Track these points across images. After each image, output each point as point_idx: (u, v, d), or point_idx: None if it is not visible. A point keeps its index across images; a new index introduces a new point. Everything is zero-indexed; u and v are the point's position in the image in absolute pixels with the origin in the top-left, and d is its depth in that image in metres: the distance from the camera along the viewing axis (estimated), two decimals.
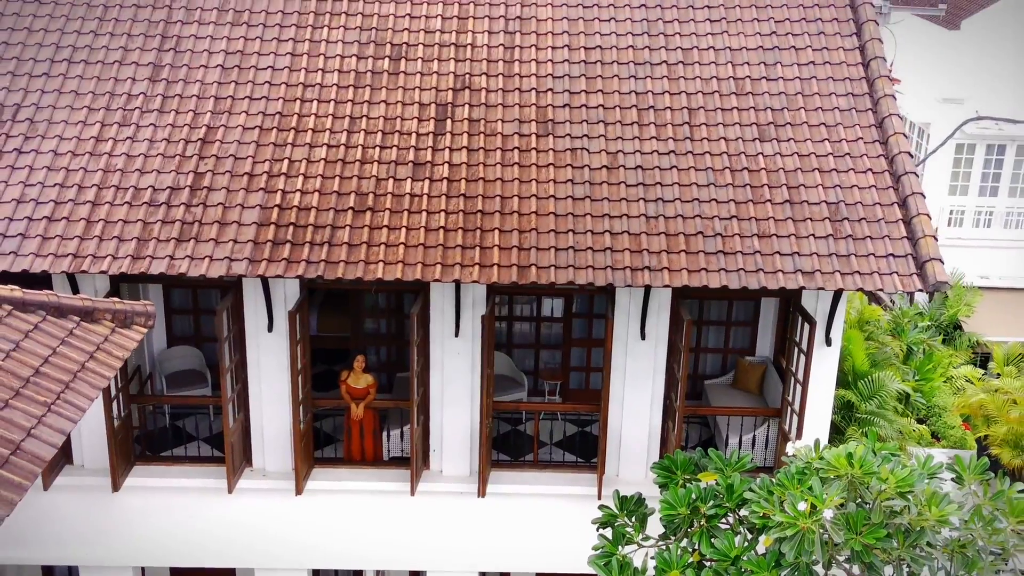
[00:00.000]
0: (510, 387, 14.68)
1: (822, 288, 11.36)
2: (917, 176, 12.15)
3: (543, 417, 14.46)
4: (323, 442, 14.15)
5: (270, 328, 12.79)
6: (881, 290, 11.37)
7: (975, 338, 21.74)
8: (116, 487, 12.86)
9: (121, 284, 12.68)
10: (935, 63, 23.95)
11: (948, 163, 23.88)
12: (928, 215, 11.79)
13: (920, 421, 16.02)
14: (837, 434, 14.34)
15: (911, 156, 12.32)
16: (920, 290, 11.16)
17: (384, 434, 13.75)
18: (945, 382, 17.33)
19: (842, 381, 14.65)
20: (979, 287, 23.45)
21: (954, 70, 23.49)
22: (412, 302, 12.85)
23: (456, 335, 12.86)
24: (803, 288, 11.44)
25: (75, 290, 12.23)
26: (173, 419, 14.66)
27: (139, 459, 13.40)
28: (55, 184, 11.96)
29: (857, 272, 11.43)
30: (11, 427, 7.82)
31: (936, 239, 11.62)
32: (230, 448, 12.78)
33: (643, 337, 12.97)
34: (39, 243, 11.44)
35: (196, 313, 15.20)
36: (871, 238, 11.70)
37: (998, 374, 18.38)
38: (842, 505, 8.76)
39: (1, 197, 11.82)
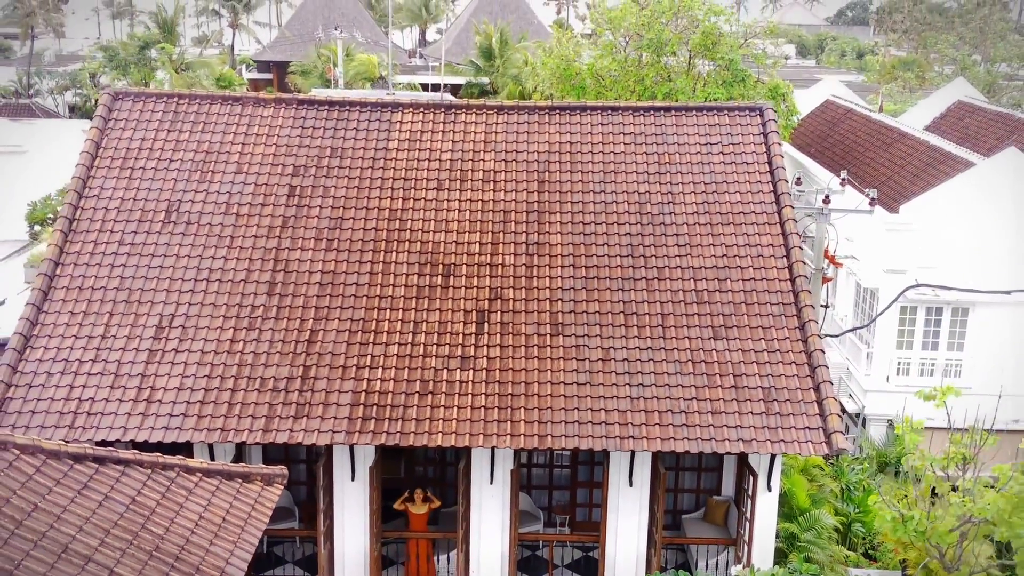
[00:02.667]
0: (529, 520, 19.01)
1: (757, 452, 15.85)
2: (827, 368, 16.73)
3: (555, 545, 18.76)
4: (387, 564, 18.44)
5: (352, 478, 17.25)
6: (799, 453, 15.83)
7: (917, 473, 25.92)
8: None
9: (243, 448, 17.21)
10: (879, 239, 28.70)
11: (895, 322, 28.41)
12: (835, 398, 16.33)
13: (872, 548, 20.07)
14: (783, 558, 18.56)
15: (823, 352, 16.90)
16: (826, 455, 15.60)
17: (435, 559, 18.08)
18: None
19: (788, 516, 18.93)
20: (925, 427, 27.72)
21: (895, 244, 28.18)
22: (453, 454, 17.36)
23: (491, 483, 17.29)
24: (743, 452, 15.92)
25: (212, 457, 16.77)
26: (270, 546, 18.96)
27: None
28: (204, 376, 16.60)
29: (782, 440, 15.92)
30: (218, 557, 12.23)
31: (840, 416, 16.12)
32: (322, 571, 17.09)
33: (631, 484, 17.39)
34: (195, 420, 16.03)
35: (287, 463, 19.61)
36: (793, 415, 16.23)
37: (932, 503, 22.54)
38: None
39: (166, 386, 16.45)
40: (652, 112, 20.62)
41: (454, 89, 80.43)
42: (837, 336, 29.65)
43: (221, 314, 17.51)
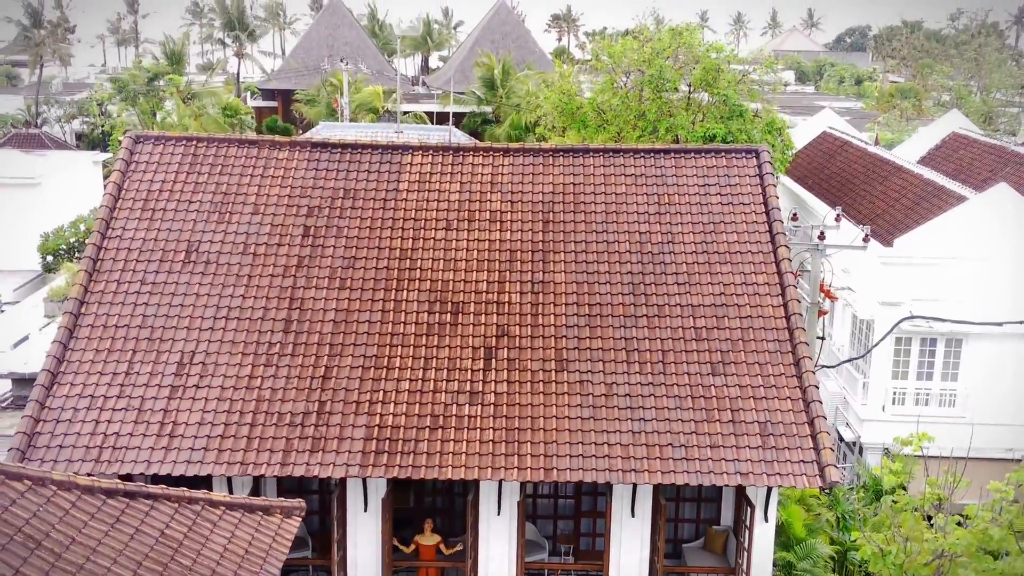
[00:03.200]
0: (534, 549, 19.65)
1: (753, 485, 16.54)
2: (821, 403, 17.44)
3: (560, 573, 19.41)
4: None
5: (365, 508, 17.94)
6: (794, 486, 16.52)
7: (913, 503, 26.56)
8: None
9: (260, 478, 17.90)
10: (874, 272, 29.44)
11: (890, 352, 29.13)
12: (828, 432, 17.03)
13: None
14: None
15: (817, 388, 17.63)
16: (821, 488, 16.29)
17: None
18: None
19: (785, 545, 19.61)
20: (918, 456, 28.40)
21: (890, 277, 28.91)
22: (461, 486, 18.04)
23: (498, 513, 17.98)
24: (741, 484, 16.62)
25: (230, 488, 17.47)
26: (284, 574, 19.56)
27: None
28: (223, 411, 17.33)
29: (778, 473, 16.62)
30: None
31: (832, 450, 16.83)
32: None
33: (633, 514, 18.08)
34: (216, 454, 16.74)
35: (302, 493, 20.29)
36: (788, 448, 16.93)
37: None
38: None
39: (187, 421, 17.18)
40: (652, 154, 21.44)
41: (458, 118, 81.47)
42: (834, 367, 30.35)
43: (239, 351, 18.25)
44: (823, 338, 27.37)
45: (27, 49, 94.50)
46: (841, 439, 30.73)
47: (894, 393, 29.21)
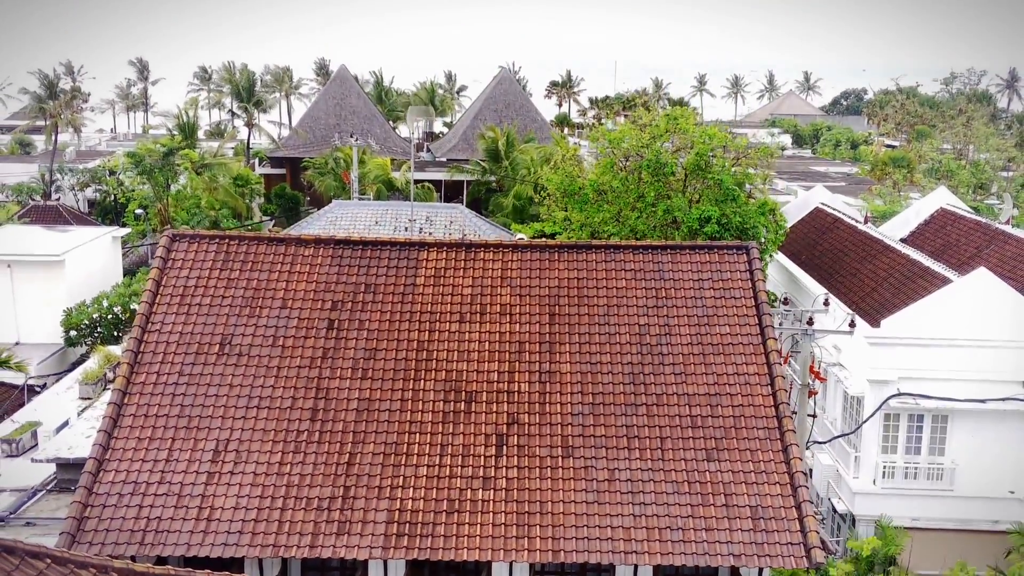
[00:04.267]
0: None
1: (745, 566, 17.95)
2: (807, 487, 18.89)
3: None
4: None
5: None
6: (783, 567, 17.92)
7: (903, 574, 27.89)
8: None
9: (287, 560, 19.29)
10: (863, 351, 30.97)
11: (879, 428, 30.58)
12: (814, 515, 18.46)
13: None
14: None
15: (804, 474, 19.09)
16: (807, 568, 17.70)
17: None
18: None
19: None
20: (908, 528, 29.74)
21: (878, 356, 30.45)
22: (474, 563, 19.40)
23: None
24: (733, 566, 18.03)
25: (260, 569, 18.88)
26: None
27: None
28: (256, 496, 18.80)
29: (768, 555, 18.03)
30: None
31: (818, 532, 18.24)
32: None
33: None
34: (250, 537, 18.17)
35: (324, 573, 21.62)
36: (777, 531, 18.35)
37: None
38: None
39: (223, 505, 18.64)
40: (650, 250, 23.13)
41: (461, 186, 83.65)
42: (826, 443, 31.79)
43: (270, 438, 19.74)
44: (814, 415, 28.82)
45: (40, 117, 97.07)
46: (834, 511, 32.07)
47: (884, 467, 30.55)
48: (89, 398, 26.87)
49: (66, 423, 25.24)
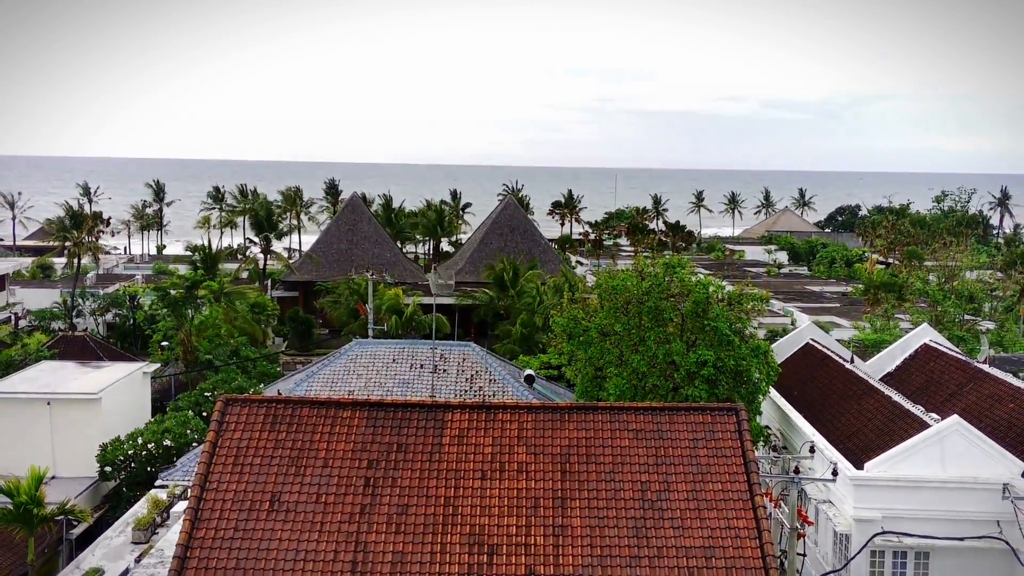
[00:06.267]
0: None
1: None
2: None
3: None
4: None
5: None
6: None
7: None
8: None
9: None
10: (848, 491, 33.46)
11: (866, 564, 32.85)
12: None
13: None
14: None
15: None
16: None
17: None
18: None
19: None
20: None
21: (863, 497, 32.93)
22: None
23: None
24: None
25: None
26: None
27: None
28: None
29: None
30: None
31: None
32: None
33: None
34: None
35: None
36: None
37: None
38: None
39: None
40: (650, 412, 25.98)
41: (469, 311, 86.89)
42: None
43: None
44: (804, 555, 31.24)
45: (63, 242, 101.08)
46: None
47: None
48: (142, 543, 29.31)
49: (127, 571, 27.67)
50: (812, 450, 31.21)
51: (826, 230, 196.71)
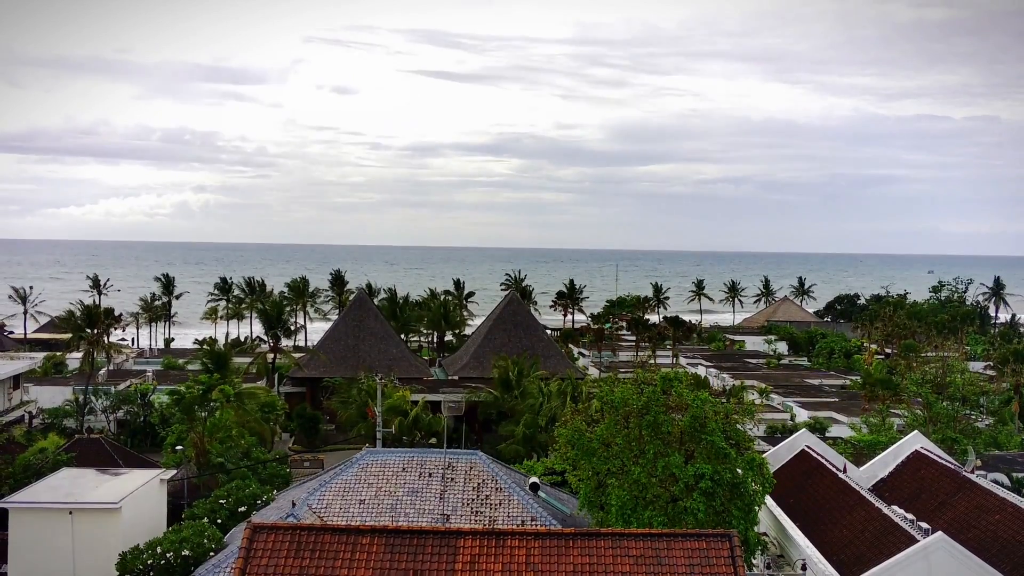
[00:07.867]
0: None
1: None
2: None
3: None
4: None
5: None
6: None
7: None
8: None
9: None
10: None
11: None
12: None
13: None
14: None
15: None
16: None
17: None
18: None
19: None
20: None
21: None
22: None
23: None
24: None
25: None
26: None
27: None
28: None
29: None
30: None
31: None
32: None
33: None
34: None
35: None
36: None
37: None
38: None
39: None
40: (649, 538, 27.81)
41: (473, 408, 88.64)
42: None
43: None
44: None
45: (77, 342, 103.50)
46: None
47: None
48: None
49: None
50: (804, 567, 32.87)
51: (825, 319, 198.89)
